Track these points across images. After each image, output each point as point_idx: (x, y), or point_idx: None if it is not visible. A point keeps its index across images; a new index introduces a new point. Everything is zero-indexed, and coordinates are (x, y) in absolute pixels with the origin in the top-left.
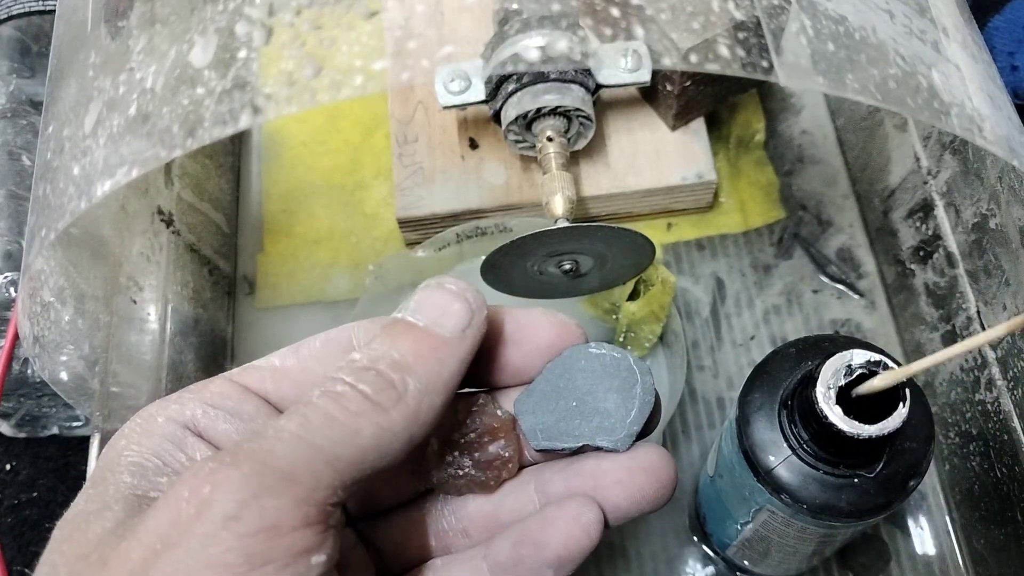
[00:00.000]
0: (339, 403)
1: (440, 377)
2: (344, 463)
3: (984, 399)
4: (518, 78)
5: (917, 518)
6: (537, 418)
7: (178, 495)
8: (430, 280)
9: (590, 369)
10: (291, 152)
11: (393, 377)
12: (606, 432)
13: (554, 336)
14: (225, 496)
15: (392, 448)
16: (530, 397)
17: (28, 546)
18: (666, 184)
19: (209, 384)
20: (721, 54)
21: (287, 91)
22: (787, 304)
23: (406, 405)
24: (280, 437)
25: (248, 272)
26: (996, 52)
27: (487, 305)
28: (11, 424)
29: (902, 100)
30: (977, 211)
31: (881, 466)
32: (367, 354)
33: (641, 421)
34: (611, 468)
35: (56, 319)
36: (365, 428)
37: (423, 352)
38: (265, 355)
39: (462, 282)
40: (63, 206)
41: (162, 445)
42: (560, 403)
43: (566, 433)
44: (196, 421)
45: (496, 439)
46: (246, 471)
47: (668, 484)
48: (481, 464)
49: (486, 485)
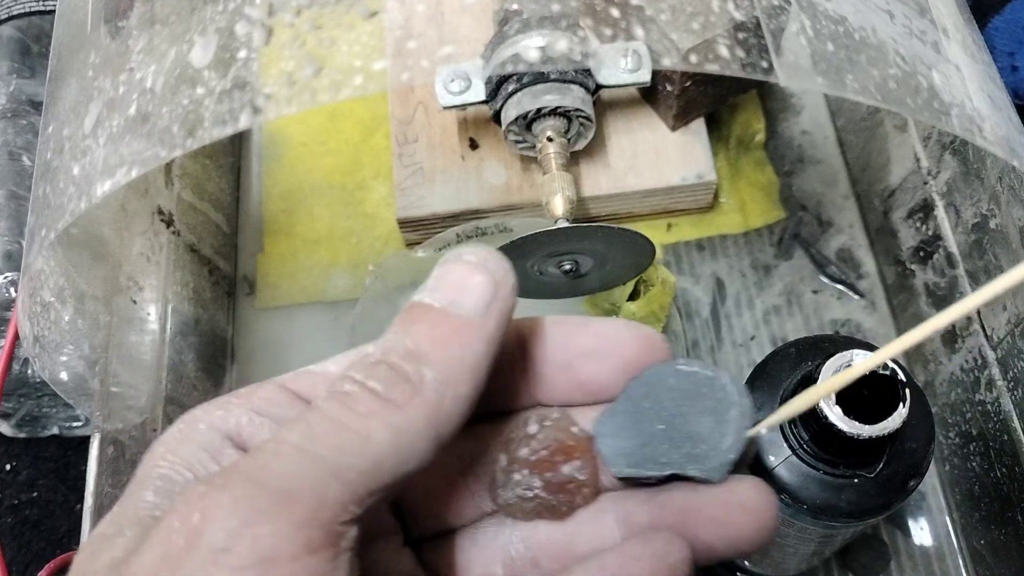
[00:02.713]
0: (346, 405)
1: (464, 363)
2: (355, 473)
3: (984, 399)
4: (518, 78)
5: (917, 518)
6: (619, 442)
7: (169, 525)
8: (448, 253)
9: (679, 388)
10: (291, 152)
11: (407, 369)
12: (698, 460)
13: (637, 351)
14: (214, 525)
15: (415, 450)
16: (611, 419)
17: (28, 546)
18: (666, 184)
19: (258, 389)
20: (721, 54)
21: (287, 91)
22: (787, 304)
23: (424, 399)
24: (279, 451)
25: (248, 272)
26: (996, 52)
27: (556, 319)
28: (11, 424)
29: (902, 100)
30: (977, 211)
31: (881, 466)
32: (380, 346)
33: (738, 449)
34: (704, 502)
35: (56, 319)
36: (377, 431)
37: (441, 336)
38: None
39: (483, 249)
40: (63, 206)
41: (197, 455)
42: (645, 426)
43: (652, 460)
44: (240, 429)
45: (571, 459)
46: (237, 494)
47: (768, 524)
48: (552, 486)
49: (557, 511)
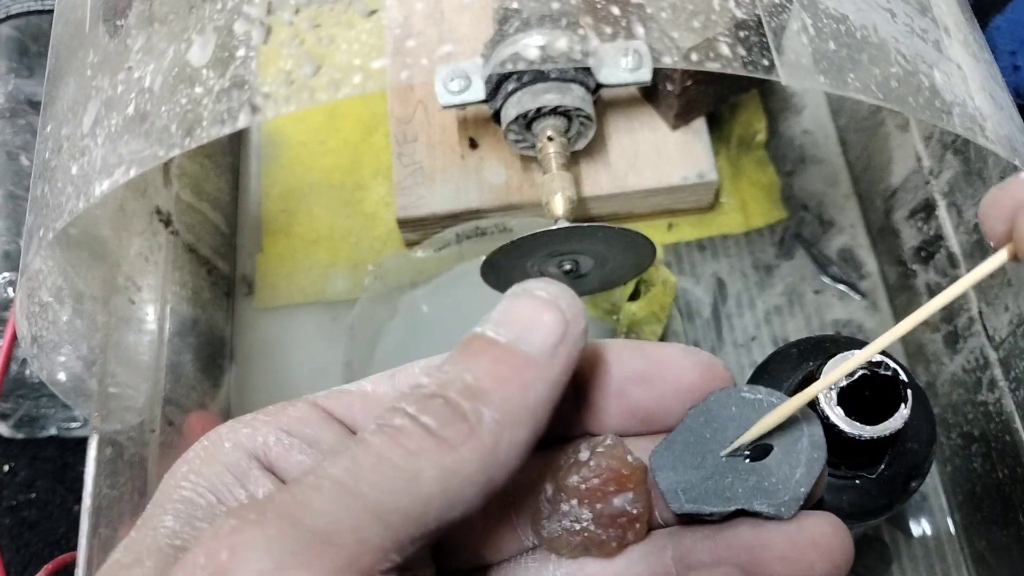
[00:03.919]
0: (396, 440)
1: (525, 405)
2: (400, 516)
3: (986, 400)
4: (518, 77)
5: (919, 519)
6: (679, 475)
7: (194, 561)
8: (516, 286)
9: (743, 417)
10: (290, 152)
11: (464, 406)
12: (766, 494)
13: (696, 377)
14: (245, 566)
15: (464, 495)
16: (669, 450)
17: (26, 547)
18: (667, 184)
19: (288, 407)
20: (722, 53)
21: (286, 90)
22: (788, 305)
23: (480, 440)
24: (320, 486)
25: (247, 272)
26: (998, 52)
27: (607, 342)
28: (9, 425)
29: (904, 99)
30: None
31: (883, 467)
32: (437, 378)
33: (810, 482)
34: (773, 540)
35: (54, 319)
36: (426, 471)
37: (503, 374)
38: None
39: (555, 286)
40: (61, 206)
41: (222, 477)
42: (707, 457)
43: (715, 494)
44: (268, 449)
45: (624, 490)
46: (271, 533)
47: (843, 565)
48: (603, 519)
49: (606, 546)
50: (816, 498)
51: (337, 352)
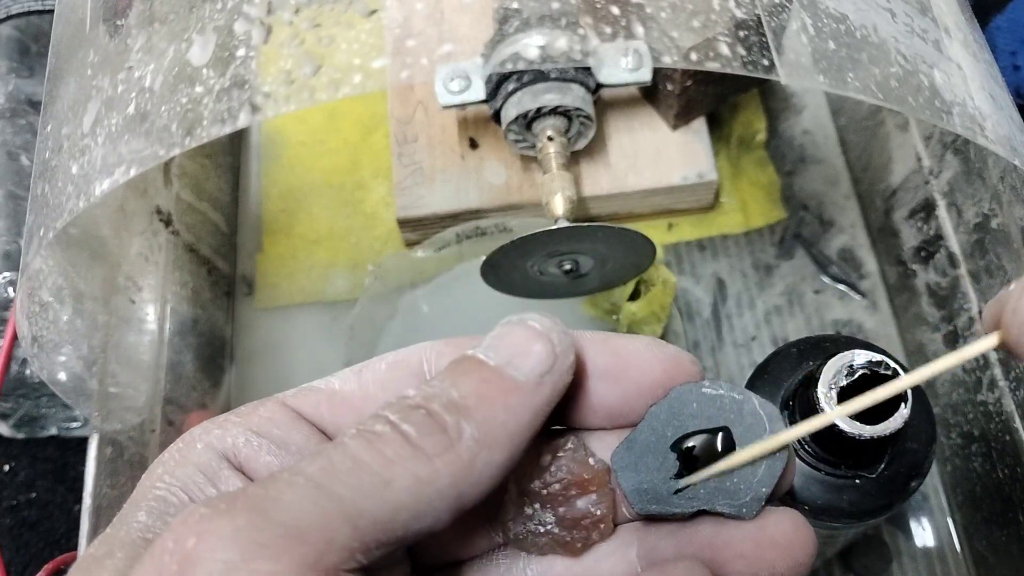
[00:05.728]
0: (374, 446)
1: (505, 428)
2: (368, 520)
3: (986, 400)
4: (518, 77)
5: (919, 519)
6: (640, 475)
7: (163, 546)
8: (512, 316)
9: (704, 415)
10: (290, 152)
11: (446, 419)
12: (728, 495)
13: (661, 372)
14: (211, 554)
15: (433, 508)
16: (631, 449)
17: (26, 547)
18: (667, 184)
19: (259, 407)
20: (722, 52)
21: (286, 89)
22: (788, 304)
23: (456, 455)
24: (293, 483)
25: (247, 272)
26: (998, 52)
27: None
28: (9, 425)
29: (904, 99)
30: (979, 211)
31: (883, 467)
32: (423, 391)
33: (771, 482)
34: (734, 539)
35: (54, 319)
36: (399, 479)
37: (488, 395)
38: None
39: (549, 319)
40: (62, 205)
41: (194, 477)
42: (669, 457)
43: (678, 495)
44: (238, 451)
45: (586, 493)
46: (240, 523)
47: (804, 561)
48: (566, 522)
49: (571, 547)
50: (780, 494)
51: (337, 352)
